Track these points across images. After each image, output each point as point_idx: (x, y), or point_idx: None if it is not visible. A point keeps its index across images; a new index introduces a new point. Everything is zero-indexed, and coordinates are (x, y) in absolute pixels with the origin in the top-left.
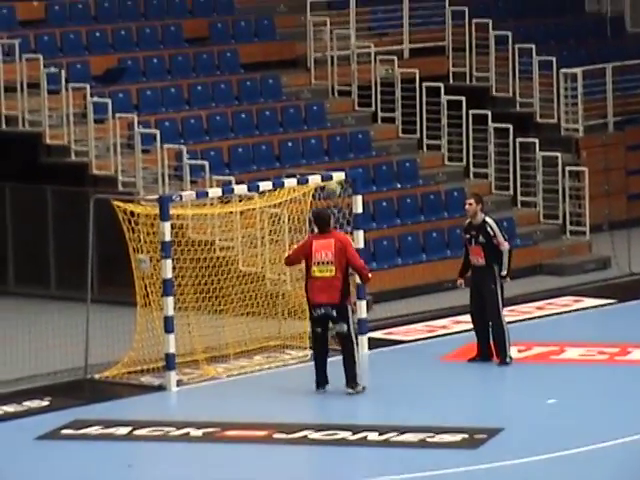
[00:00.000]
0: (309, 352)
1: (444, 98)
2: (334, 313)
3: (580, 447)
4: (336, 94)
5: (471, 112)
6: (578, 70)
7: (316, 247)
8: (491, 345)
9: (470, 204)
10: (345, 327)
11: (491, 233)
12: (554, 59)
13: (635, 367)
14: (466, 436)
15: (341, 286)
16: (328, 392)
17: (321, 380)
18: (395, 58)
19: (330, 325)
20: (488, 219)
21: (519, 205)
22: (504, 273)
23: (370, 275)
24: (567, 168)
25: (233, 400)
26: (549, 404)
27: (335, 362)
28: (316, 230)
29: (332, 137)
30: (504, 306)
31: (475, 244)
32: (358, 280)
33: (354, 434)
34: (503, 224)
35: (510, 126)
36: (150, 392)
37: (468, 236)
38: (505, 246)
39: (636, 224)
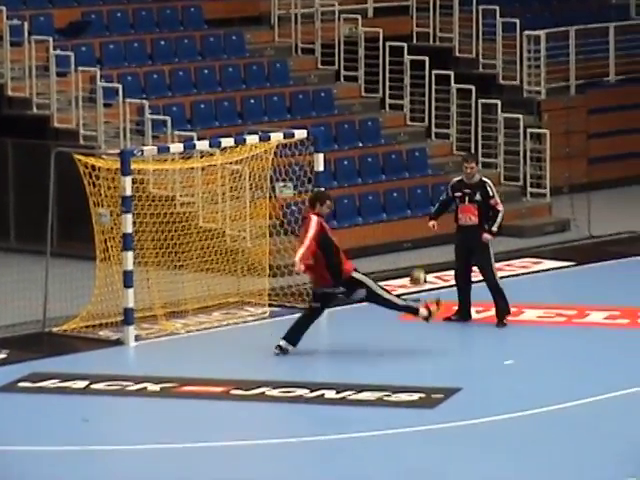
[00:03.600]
0: (268, 309)
1: (407, 58)
2: (340, 289)
3: (536, 408)
4: (300, 52)
5: (434, 72)
6: (542, 32)
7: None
8: (471, 305)
9: (472, 167)
10: (362, 293)
11: (490, 193)
12: (518, 21)
13: (592, 329)
14: (423, 395)
15: (326, 269)
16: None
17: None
18: (359, 17)
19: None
20: (486, 179)
21: (480, 166)
22: (495, 229)
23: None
24: (528, 130)
25: (191, 356)
26: (506, 365)
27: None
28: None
29: (295, 95)
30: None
31: (469, 202)
32: None
33: (311, 392)
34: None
35: (473, 87)
36: (108, 346)
37: (460, 194)
38: (501, 206)
39: (596, 187)
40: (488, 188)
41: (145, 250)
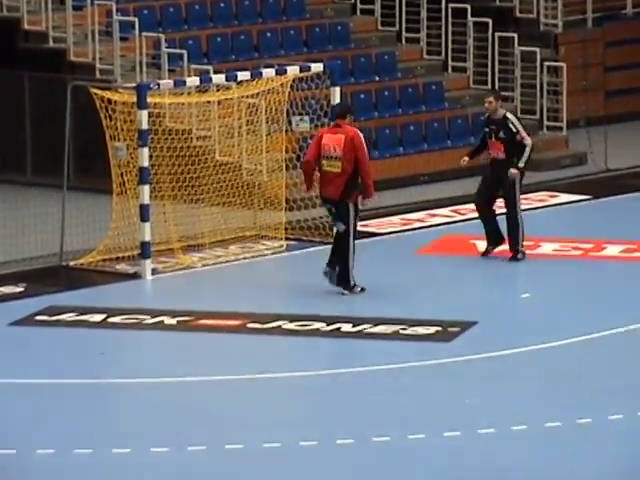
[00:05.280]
0: (284, 242)
1: None
2: (334, 210)
3: (552, 342)
4: None
5: (450, 5)
6: None
7: (325, 140)
8: (499, 232)
9: (490, 102)
10: (342, 227)
11: (513, 129)
12: None
13: (609, 263)
14: (439, 329)
15: (344, 183)
16: (303, 284)
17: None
18: None
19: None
20: (509, 115)
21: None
22: (521, 165)
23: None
24: (545, 63)
25: (207, 290)
26: (523, 298)
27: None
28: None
29: (311, 28)
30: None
31: (495, 139)
32: None
33: (328, 325)
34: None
35: (489, 20)
36: (125, 280)
37: (488, 130)
38: (528, 140)
39: (613, 121)
40: (510, 124)
41: (161, 184)
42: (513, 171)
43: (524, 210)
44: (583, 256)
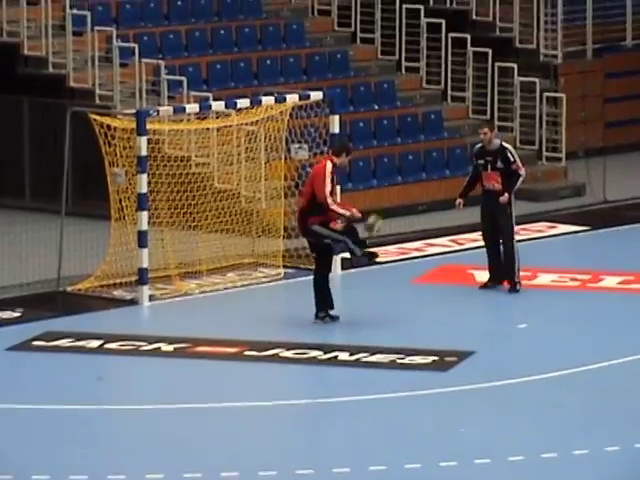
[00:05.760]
0: (282, 270)
1: (424, 20)
2: (319, 240)
3: (549, 372)
4: (316, 13)
5: (451, 35)
6: None
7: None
8: (501, 267)
9: (485, 133)
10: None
11: (511, 159)
12: None
13: (606, 294)
14: (437, 358)
15: (303, 215)
16: (300, 312)
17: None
18: None
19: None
20: (506, 144)
21: (496, 130)
22: (505, 197)
23: (332, 206)
24: (545, 94)
25: (205, 316)
26: (520, 329)
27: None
28: None
29: (311, 56)
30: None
31: (492, 170)
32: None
33: (325, 353)
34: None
35: (489, 50)
36: (122, 306)
37: (482, 162)
38: (523, 170)
39: (612, 152)
40: (508, 154)
41: (160, 210)
42: (503, 198)
43: (523, 240)
44: (581, 287)
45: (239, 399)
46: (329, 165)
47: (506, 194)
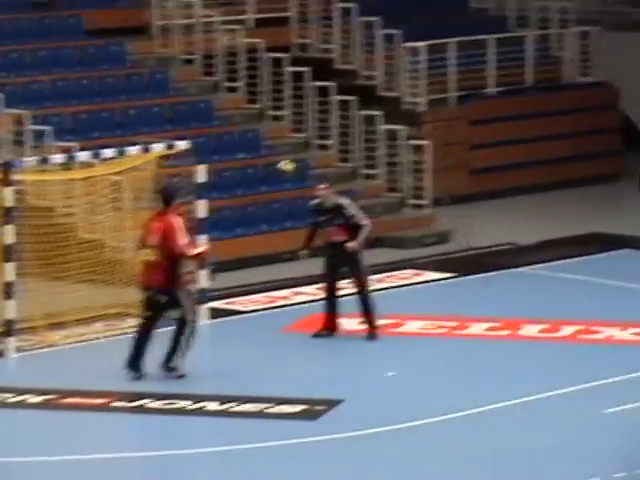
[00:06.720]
0: None
1: (288, 69)
2: (163, 299)
3: (418, 420)
4: (181, 62)
5: (315, 83)
6: (422, 44)
7: (151, 228)
8: (338, 316)
9: (319, 189)
10: (179, 312)
11: (348, 214)
12: (398, 32)
13: (473, 340)
14: (306, 407)
15: (163, 272)
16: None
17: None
18: (240, 27)
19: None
20: (342, 200)
21: (361, 177)
22: (360, 240)
23: (190, 252)
24: (410, 141)
25: (72, 367)
26: (388, 377)
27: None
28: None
29: (175, 105)
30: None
31: (332, 227)
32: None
33: (194, 403)
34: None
35: (353, 98)
36: None
37: (323, 218)
38: (366, 221)
39: (477, 198)
40: (344, 212)
41: (26, 261)
42: (351, 244)
43: (388, 288)
44: (448, 334)
45: (105, 451)
46: (176, 220)
47: (351, 242)
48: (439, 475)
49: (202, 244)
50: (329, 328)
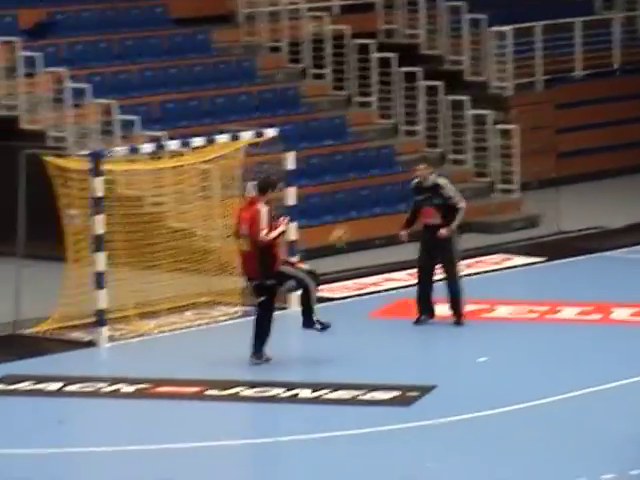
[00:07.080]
0: (239, 308)
1: (374, 55)
2: (270, 282)
3: (511, 405)
4: (267, 50)
5: (401, 69)
6: (508, 28)
7: (241, 218)
8: (432, 302)
9: (418, 169)
10: (293, 283)
11: (445, 195)
12: (484, 17)
13: (564, 325)
14: (398, 393)
15: (257, 261)
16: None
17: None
18: (326, 14)
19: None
20: (441, 181)
21: (449, 163)
22: (453, 226)
23: (268, 238)
24: (497, 126)
25: (164, 356)
26: (480, 362)
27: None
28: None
29: (262, 93)
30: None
31: (430, 206)
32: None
33: (287, 391)
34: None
35: (440, 83)
36: (81, 348)
37: (420, 197)
38: (462, 203)
39: (565, 182)
40: (442, 192)
41: (116, 251)
42: (442, 231)
43: (479, 273)
44: (539, 319)
45: (201, 439)
46: (263, 209)
47: (444, 229)
48: (532, 460)
49: (280, 224)
50: (428, 313)
